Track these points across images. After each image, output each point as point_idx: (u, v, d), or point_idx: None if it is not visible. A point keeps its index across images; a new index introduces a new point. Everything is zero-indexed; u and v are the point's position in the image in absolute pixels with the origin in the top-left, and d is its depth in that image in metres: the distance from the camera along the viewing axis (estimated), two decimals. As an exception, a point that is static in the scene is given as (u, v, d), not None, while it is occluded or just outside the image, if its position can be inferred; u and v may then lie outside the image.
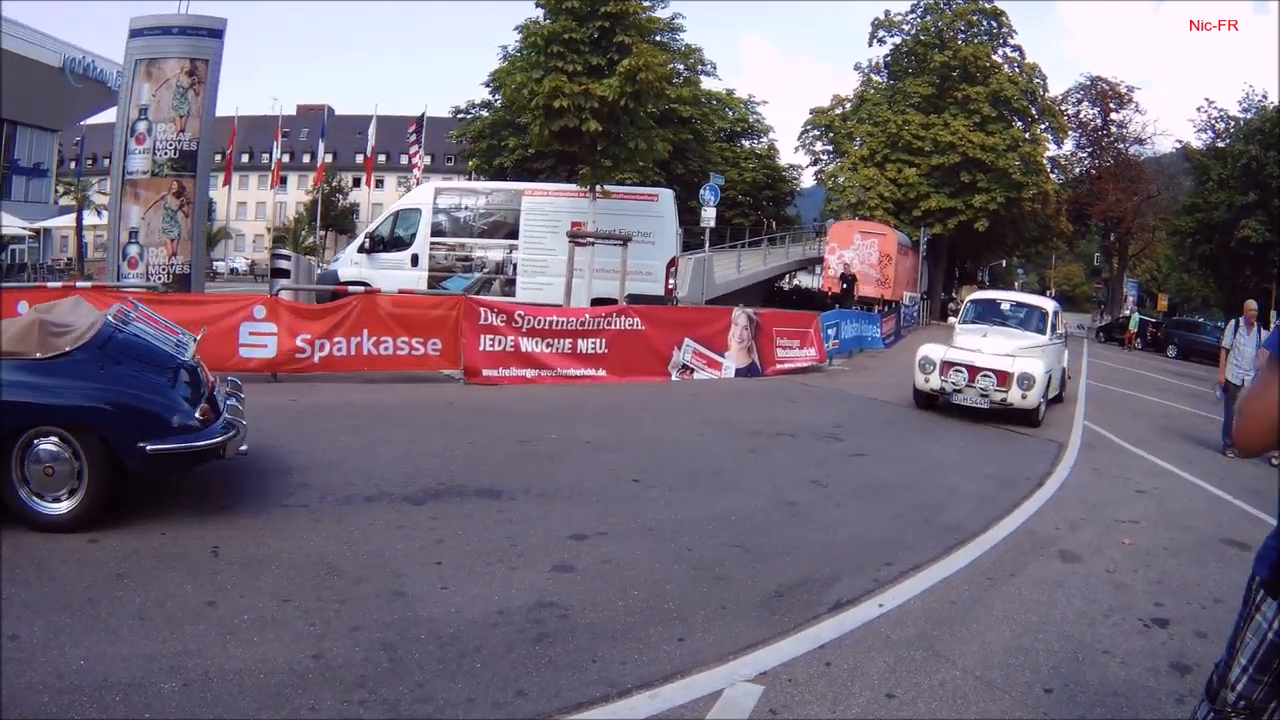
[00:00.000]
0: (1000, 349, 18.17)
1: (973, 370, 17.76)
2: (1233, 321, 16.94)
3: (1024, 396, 17.26)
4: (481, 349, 17.41)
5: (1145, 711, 5.82)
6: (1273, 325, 52.79)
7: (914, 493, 11.62)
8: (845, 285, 42.80)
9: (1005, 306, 21.37)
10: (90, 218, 49.14)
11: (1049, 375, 18.21)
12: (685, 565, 7.83)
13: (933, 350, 18.63)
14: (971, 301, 22.27)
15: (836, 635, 6.61)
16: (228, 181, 52.41)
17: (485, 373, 17.36)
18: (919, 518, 10.31)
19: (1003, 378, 17.46)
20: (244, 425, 8.16)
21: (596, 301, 24.01)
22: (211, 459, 7.87)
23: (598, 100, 25.22)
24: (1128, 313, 66.15)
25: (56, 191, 61.83)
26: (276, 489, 9.13)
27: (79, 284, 17.04)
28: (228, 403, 8.56)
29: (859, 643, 6.52)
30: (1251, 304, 17.04)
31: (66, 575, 6.43)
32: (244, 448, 8.22)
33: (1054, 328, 20.26)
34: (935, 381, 18.18)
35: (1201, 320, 62.70)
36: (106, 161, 21.34)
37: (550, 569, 7.42)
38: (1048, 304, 21.36)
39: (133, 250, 19.74)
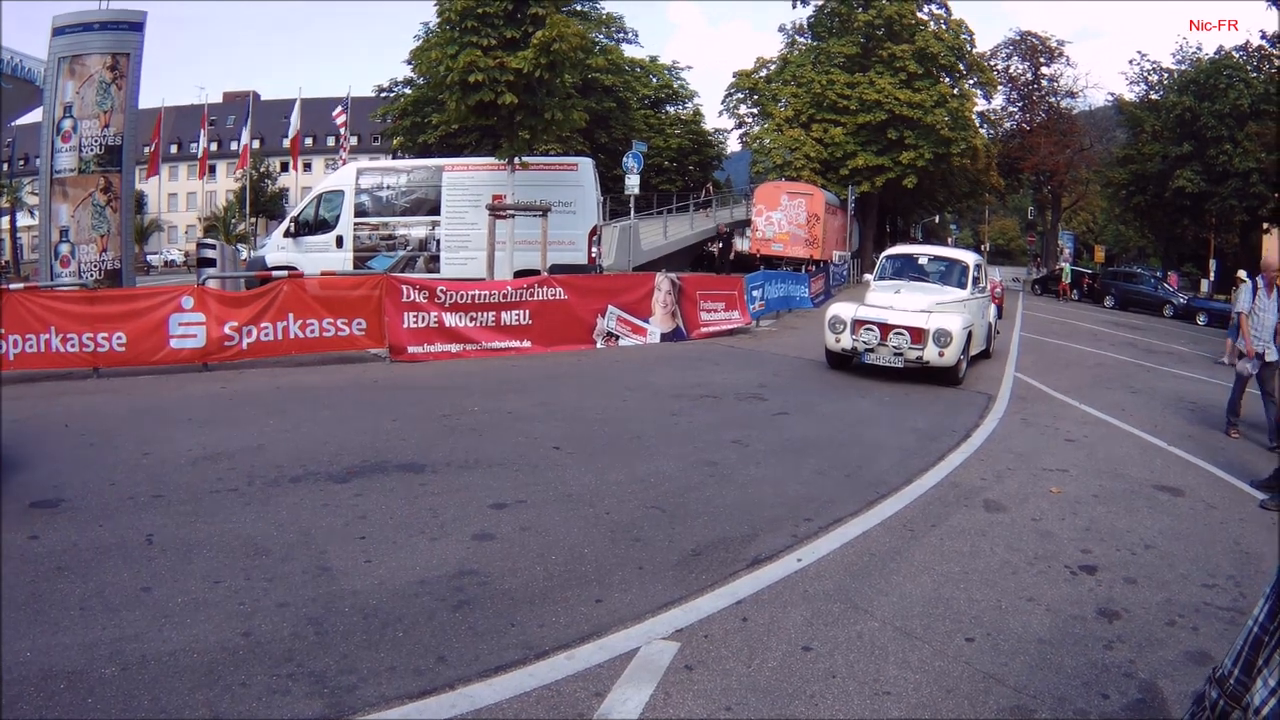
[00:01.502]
0: (914, 305, 17.62)
1: (885, 328, 17.24)
2: (1248, 283, 15.60)
3: (941, 354, 16.76)
4: (405, 326, 17.58)
5: (1071, 657, 5.96)
6: (1213, 274, 53.08)
7: (837, 449, 11.80)
8: (722, 244, 42.59)
9: (922, 261, 20.82)
10: (24, 219, 48.44)
11: (968, 331, 17.52)
12: (604, 529, 8.03)
13: (843, 309, 18.10)
14: (886, 257, 21.65)
15: (754, 591, 6.79)
16: (154, 173, 51.65)
17: (410, 350, 17.55)
18: (841, 473, 10.50)
19: (917, 335, 16.92)
20: None
21: (520, 273, 24.18)
22: None
23: (513, 73, 25.28)
24: (1063, 265, 66.64)
25: (-10, 194, 61.08)
26: (207, 475, 9.28)
27: (11, 286, 17.10)
28: None
29: (776, 597, 6.71)
30: (1272, 262, 14.81)
31: (10, 573, 6.56)
32: None
33: (975, 281, 19.62)
34: (846, 341, 17.64)
35: (1138, 270, 63.22)
36: (38, 161, 21.34)
37: (471, 538, 7.63)
38: (968, 257, 20.73)
39: (64, 249, 19.79)
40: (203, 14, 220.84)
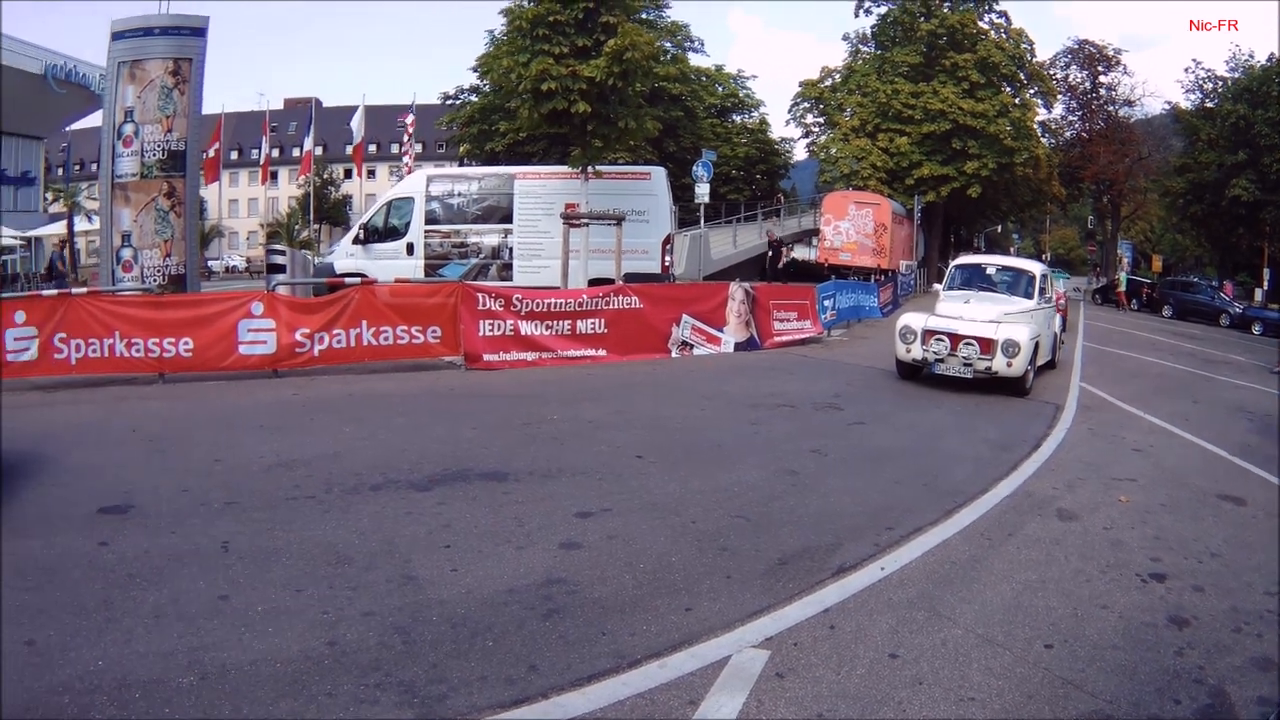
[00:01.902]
0: (983, 315, 17.49)
1: (955, 338, 17.15)
2: None
3: (1009, 364, 16.63)
4: (481, 334, 17.51)
5: (1145, 664, 5.93)
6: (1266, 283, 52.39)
7: (913, 458, 11.72)
8: (771, 252, 42.27)
9: (990, 271, 20.53)
10: (81, 223, 48.80)
11: (1035, 341, 17.40)
12: (690, 538, 7.91)
13: (913, 319, 18.05)
14: (956, 267, 21.34)
15: (840, 599, 6.75)
16: (214, 178, 51.86)
17: (486, 357, 17.47)
18: (919, 482, 10.44)
19: (986, 345, 16.83)
20: None
21: (594, 282, 24.08)
22: None
23: (585, 81, 25.16)
24: (1120, 274, 66.06)
25: (46, 199, 61.56)
26: (283, 482, 9.22)
27: (74, 291, 17.16)
28: None
29: (862, 605, 6.65)
30: None
31: (79, 580, 6.50)
32: None
33: (1042, 291, 19.48)
34: (917, 351, 17.61)
35: (1196, 280, 62.57)
36: (94, 166, 21.33)
37: (558, 547, 7.52)
38: (1035, 267, 20.54)
39: (126, 254, 19.81)
40: (260, 21, 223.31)
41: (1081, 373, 21.76)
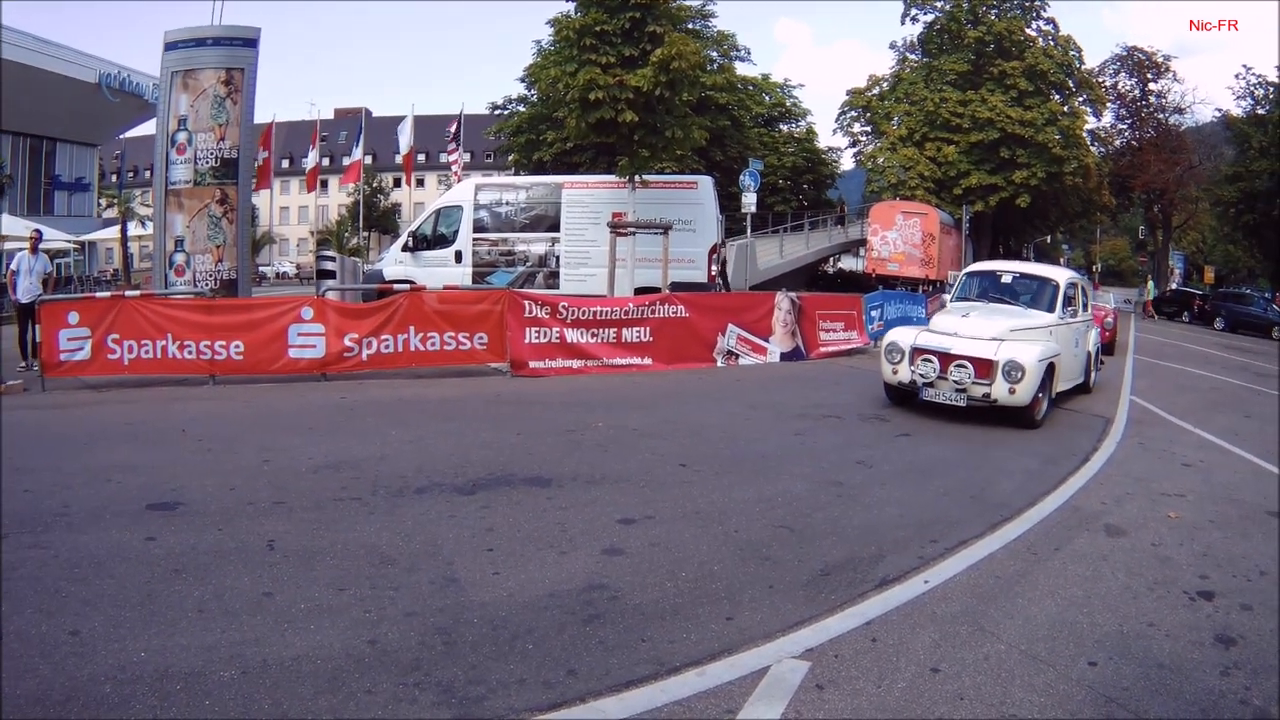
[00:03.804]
0: (983, 331, 15.03)
1: (945, 359, 14.74)
2: None
3: (1011, 391, 14.18)
4: (527, 341, 17.61)
5: (1190, 683, 5.82)
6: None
7: (960, 470, 11.60)
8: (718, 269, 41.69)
9: (1006, 279, 17.84)
10: (134, 229, 49.28)
11: (1048, 363, 14.86)
12: (732, 547, 7.89)
13: (902, 335, 15.81)
14: (967, 274, 19.09)
15: (882, 611, 6.68)
16: (265, 185, 51.88)
17: (532, 364, 17.58)
18: (965, 495, 10.30)
19: (982, 367, 14.40)
20: None
21: (640, 291, 24.17)
22: None
23: (632, 91, 25.27)
24: (1149, 284, 65.75)
25: (100, 205, 62.37)
26: (329, 483, 9.32)
27: (127, 293, 17.44)
28: None
29: (905, 619, 6.58)
30: None
31: (125, 573, 6.61)
32: None
33: (1068, 302, 16.99)
34: (904, 373, 15.27)
35: (1248, 291, 61.71)
36: (148, 173, 21.73)
37: (600, 553, 7.52)
38: (1059, 274, 17.95)
39: (179, 258, 20.14)
40: (309, 33, 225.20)
41: (1132, 386, 21.53)
